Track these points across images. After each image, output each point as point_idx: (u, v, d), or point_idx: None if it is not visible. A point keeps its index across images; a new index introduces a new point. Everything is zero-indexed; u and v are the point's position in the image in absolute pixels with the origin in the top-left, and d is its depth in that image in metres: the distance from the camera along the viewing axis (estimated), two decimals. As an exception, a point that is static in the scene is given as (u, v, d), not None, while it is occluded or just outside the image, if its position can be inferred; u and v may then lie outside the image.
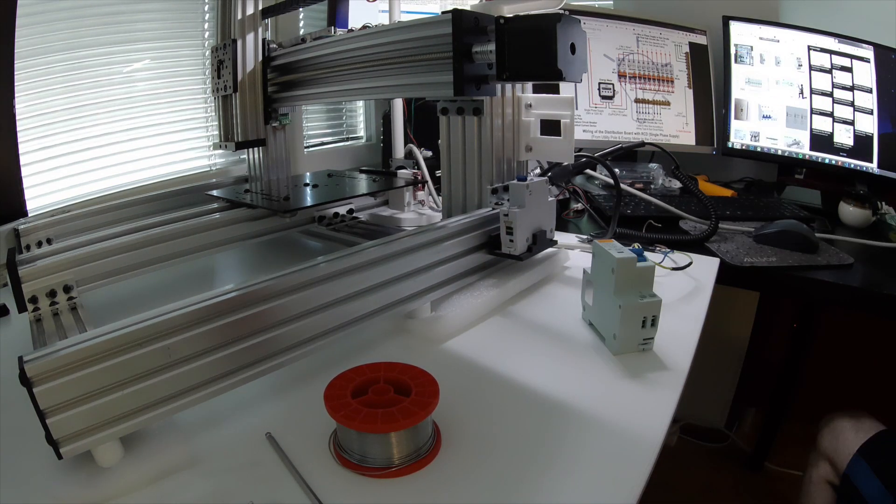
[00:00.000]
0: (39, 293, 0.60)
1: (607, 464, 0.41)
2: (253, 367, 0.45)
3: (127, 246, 0.67)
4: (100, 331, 0.38)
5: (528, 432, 0.45)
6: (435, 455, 0.41)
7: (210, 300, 0.42)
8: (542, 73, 0.62)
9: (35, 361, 0.34)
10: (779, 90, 1.28)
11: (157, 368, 0.39)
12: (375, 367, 0.46)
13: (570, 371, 0.54)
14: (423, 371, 0.45)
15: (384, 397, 0.42)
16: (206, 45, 1.10)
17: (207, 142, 1.15)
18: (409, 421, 0.39)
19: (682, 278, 0.76)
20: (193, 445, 0.42)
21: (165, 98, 1.07)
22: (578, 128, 1.25)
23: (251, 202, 0.81)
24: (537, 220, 0.71)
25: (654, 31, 1.33)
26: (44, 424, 0.35)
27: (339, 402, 0.41)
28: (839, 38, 1.24)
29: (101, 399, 0.37)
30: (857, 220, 1.08)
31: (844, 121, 1.24)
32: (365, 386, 0.43)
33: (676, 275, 0.77)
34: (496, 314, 0.66)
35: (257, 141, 0.96)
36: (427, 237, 0.60)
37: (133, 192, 0.93)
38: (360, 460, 0.40)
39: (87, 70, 0.94)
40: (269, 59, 0.93)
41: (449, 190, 0.78)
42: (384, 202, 1.04)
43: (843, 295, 0.82)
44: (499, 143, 0.75)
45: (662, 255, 0.81)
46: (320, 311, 0.49)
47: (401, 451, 0.40)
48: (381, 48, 0.73)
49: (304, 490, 0.38)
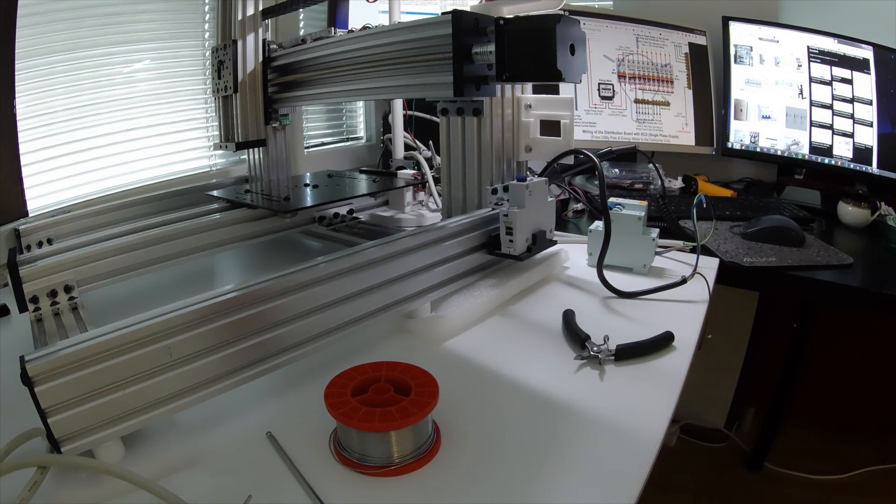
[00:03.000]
0: (40, 293, 0.60)
1: (606, 463, 0.41)
2: (253, 367, 0.45)
3: (128, 246, 0.67)
4: (101, 330, 0.38)
5: (527, 432, 0.45)
6: (435, 454, 0.42)
7: (211, 300, 0.42)
8: (542, 73, 0.62)
9: (36, 361, 0.35)
10: (778, 90, 1.28)
11: (157, 368, 0.39)
12: (376, 366, 0.46)
13: (570, 371, 0.54)
14: (423, 371, 0.45)
15: (384, 396, 0.42)
16: (206, 46, 1.10)
17: (208, 142, 1.15)
18: (407, 420, 0.39)
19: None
20: (194, 445, 0.42)
21: (166, 98, 1.07)
22: (578, 128, 1.25)
23: (251, 202, 0.82)
24: (537, 220, 0.71)
25: (654, 31, 1.33)
26: (45, 424, 0.35)
27: (339, 401, 0.41)
28: (839, 38, 1.24)
29: (103, 398, 0.37)
30: (856, 220, 1.08)
31: (844, 133, 1.24)
32: (365, 385, 0.44)
33: (676, 274, 0.77)
34: (496, 314, 0.66)
35: (258, 141, 0.96)
36: (427, 237, 0.60)
37: (134, 193, 0.93)
38: (360, 459, 0.40)
39: (87, 70, 0.94)
40: (270, 59, 0.94)
41: (449, 190, 0.78)
42: (384, 202, 1.05)
43: (843, 295, 0.82)
44: (498, 143, 0.75)
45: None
46: (320, 311, 0.49)
47: (401, 449, 0.40)
48: (381, 49, 0.73)
49: (304, 489, 0.38)
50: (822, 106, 1.25)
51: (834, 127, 1.25)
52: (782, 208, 1.10)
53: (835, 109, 1.25)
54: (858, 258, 0.88)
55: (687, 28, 1.36)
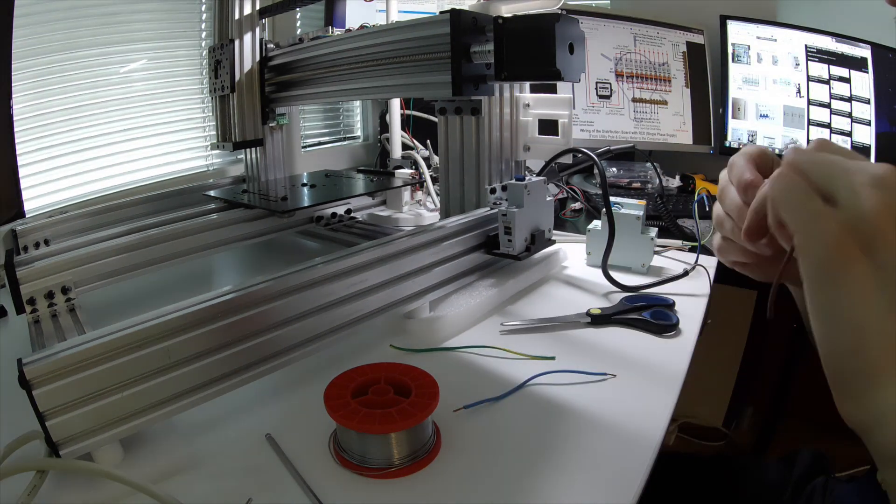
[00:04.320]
0: (37, 294, 0.60)
1: (606, 463, 0.41)
2: (252, 369, 0.45)
3: (125, 247, 0.66)
4: (99, 332, 0.38)
5: (526, 431, 0.45)
6: (435, 455, 0.41)
7: (209, 302, 0.42)
8: (541, 72, 0.62)
9: (34, 364, 0.34)
10: (776, 89, 1.28)
11: (156, 370, 0.39)
12: (376, 367, 0.46)
13: (569, 371, 0.54)
14: (423, 372, 0.45)
15: (384, 398, 0.42)
16: (203, 46, 1.10)
17: (205, 142, 1.15)
18: (407, 422, 0.39)
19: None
20: (193, 447, 0.42)
21: (162, 98, 1.07)
22: (576, 127, 1.25)
23: (249, 202, 0.81)
24: (535, 219, 0.71)
25: (652, 30, 1.33)
26: (43, 427, 0.35)
27: (339, 402, 0.41)
28: (836, 37, 1.25)
29: (101, 401, 0.37)
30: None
31: (842, 132, 1.24)
32: (365, 386, 0.43)
33: (675, 274, 0.77)
34: (495, 314, 0.66)
35: (255, 141, 0.96)
36: (425, 237, 0.60)
37: (130, 193, 0.93)
38: (360, 461, 0.40)
39: (84, 70, 0.94)
40: (267, 59, 0.93)
41: (447, 190, 0.78)
42: (382, 202, 1.04)
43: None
44: (497, 142, 0.75)
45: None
46: (319, 313, 0.49)
47: (401, 451, 0.40)
48: (379, 48, 0.73)
49: (304, 490, 0.38)
50: (820, 105, 1.26)
51: (832, 126, 1.25)
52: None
53: (832, 108, 1.25)
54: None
55: (684, 27, 1.36)
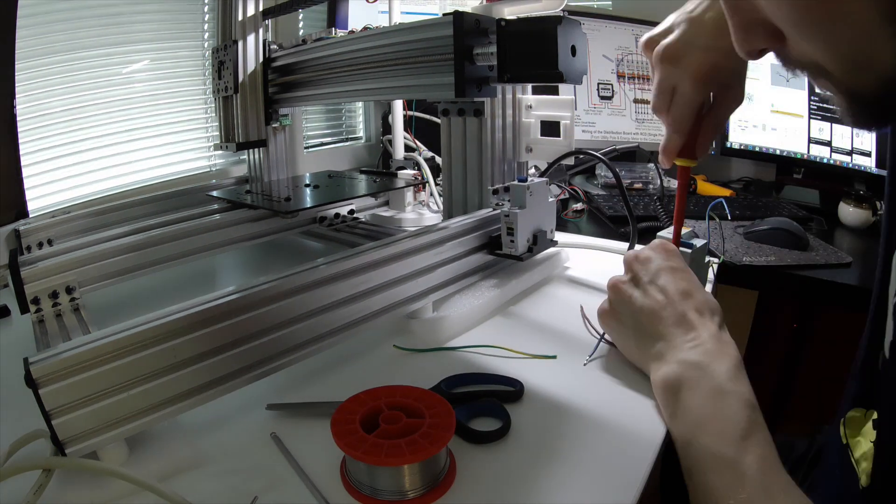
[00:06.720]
0: (42, 294, 0.60)
1: (606, 464, 0.41)
2: (256, 368, 0.45)
3: (128, 247, 0.67)
4: (105, 332, 0.38)
5: (526, 431, 0.45)
6: (451, 483, 0.39)
7: (215, 302, 0.42)
8: (544, 74, 0.62)
9: (41, 363, 0.35)
10: (777, 89, 1.28)
11: (162, 369, 0.39)
12: (390, 390, 0.43)
13: (570, 371, 0.54)
14: (440, 398, 0.42)
15: (396, 426, 0.39)
16: (205, 46, 1.10)
17: (208, 142, 1.15)
18: (416, 456, 0.36)
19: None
20: (198, 446, 0.42)
21: (165, 99, 1.07)
22: (578, 128, 1.25)
23: (252, 203, 0.82)
24: (538, 220, 0.72)
25: (653, 31, 1.33)
26: (50, 425, 0.35)
27: (346, 428, 0.38)
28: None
29: (107, 400, 0.37)
30: (856, 220, 1.09)
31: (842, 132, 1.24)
32: (375, 412, 0.40)
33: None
34: (497, 314, 0.66)
35: (258, 142, 0.96)
36: (428, 238, 0.61)
37: (134, 193, 0.93)
38: (372, 492, 0.37)
39: (87, 71, 0.94)
40: (270, 60, 0.93)
41: (450, 191, 0.78)
42: (385, 203, 1.05)
43: (841, 294, 0.82)
44: (499, 144, 0.76)
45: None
46: (323, 313, 0.50)
47: (413, 482, 0.37)
48: (382, 50, 0.73)
49: (310, 490, 0.38)
50: (821, 104, 1.25)
51: (832, 125, 1.25)
52: (782, 208, 1.10)
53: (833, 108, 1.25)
54: (858, 258, 0.88)
55: (686, 28, 1.36)
